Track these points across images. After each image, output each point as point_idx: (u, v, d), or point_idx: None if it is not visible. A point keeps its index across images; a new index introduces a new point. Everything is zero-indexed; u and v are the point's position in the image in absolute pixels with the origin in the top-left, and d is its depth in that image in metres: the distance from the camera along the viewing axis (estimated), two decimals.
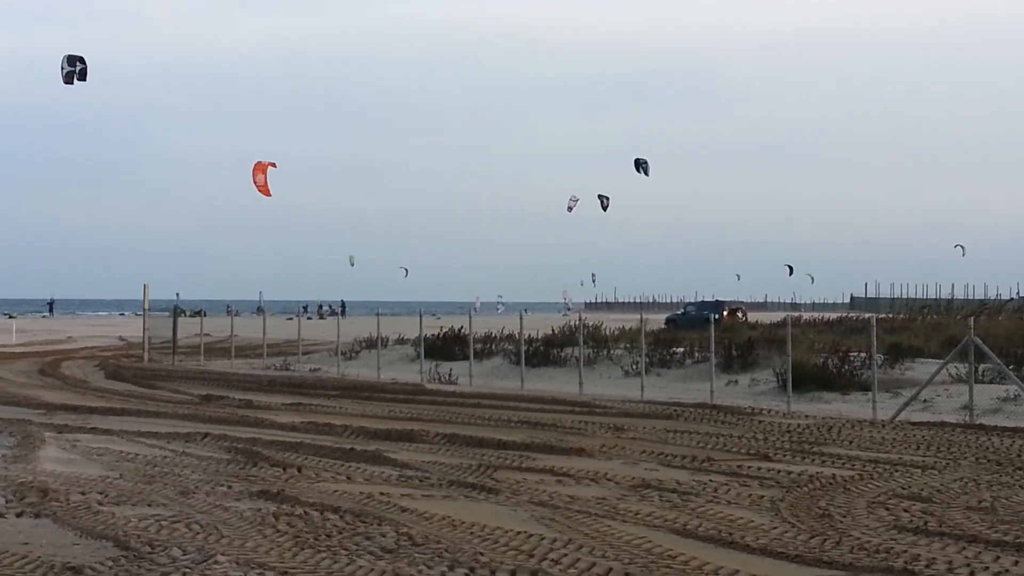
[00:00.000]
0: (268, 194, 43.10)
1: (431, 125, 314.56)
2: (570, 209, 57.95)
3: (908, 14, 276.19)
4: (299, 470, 15.52)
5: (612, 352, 35.37)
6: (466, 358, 34.81)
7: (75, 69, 36.14)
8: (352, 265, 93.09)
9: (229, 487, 14.17)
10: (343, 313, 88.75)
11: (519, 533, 11.34)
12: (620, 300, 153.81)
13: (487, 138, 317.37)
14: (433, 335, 39.36)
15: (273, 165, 43.73)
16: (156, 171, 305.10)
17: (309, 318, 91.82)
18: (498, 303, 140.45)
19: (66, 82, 36.37)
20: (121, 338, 61.10)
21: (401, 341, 42.84)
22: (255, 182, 42.94)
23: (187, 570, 9.91)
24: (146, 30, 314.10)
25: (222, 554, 10.46)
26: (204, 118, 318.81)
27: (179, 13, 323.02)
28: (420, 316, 37.61)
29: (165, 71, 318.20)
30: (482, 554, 10.43)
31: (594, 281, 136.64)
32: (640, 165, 47.94)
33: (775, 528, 11.65)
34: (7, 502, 12.96)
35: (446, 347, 38.84)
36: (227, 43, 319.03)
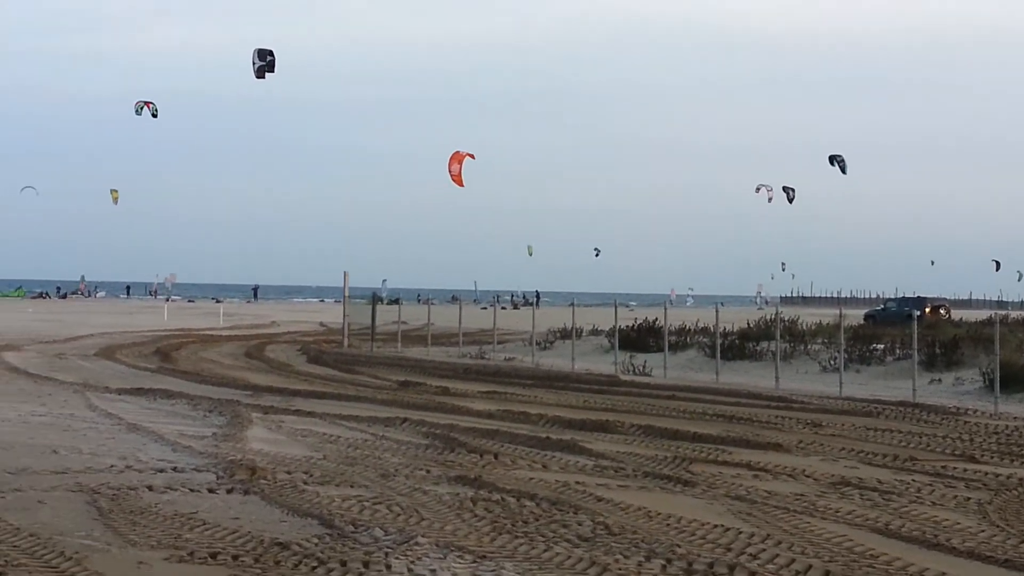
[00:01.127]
0: (461, 184, 43.72)
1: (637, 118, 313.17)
2: (770, 200, 57.29)
3: None
4: (495, 457, 15.70)
5: (809, 347, 34.73)
6: (660, 350, 34.66)
7: (265, 63, 37.29)
8: (531, 255, 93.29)
9: (428, 471, 14.43)
10: (537, 303, 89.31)
11: (716, 526, 11.25)
12: (816, 295, 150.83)
13: (680, 133, 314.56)
14: (627, 326, 39.25)
15: (471, 156, 44.30)
16: (358, 161, 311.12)
17: (503, 307, 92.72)
18: (687, 296, 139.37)
19: (258, 76, 37.57)
20: (322, 324, 62.69)
21: (595, 332, 42.86)
22: (450, 171, 43.60)
23: (389, 550, 10.14)
24: (346, 22, 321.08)
25: (422, 536, 10.68)
26: (406, 111, 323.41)
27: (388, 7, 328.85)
28: (615, 307, 37.60)
29: (369, 63, 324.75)
30: (679, 546, 10.39)
31: (783, 269, 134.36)
32: (836, 161, 47.05)
33: (983, 531, 11.27)
34: (218, 479, 13.47)
35: (640, 339, 38.66)
36: (433, 37, 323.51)
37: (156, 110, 50.32)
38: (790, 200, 54.50)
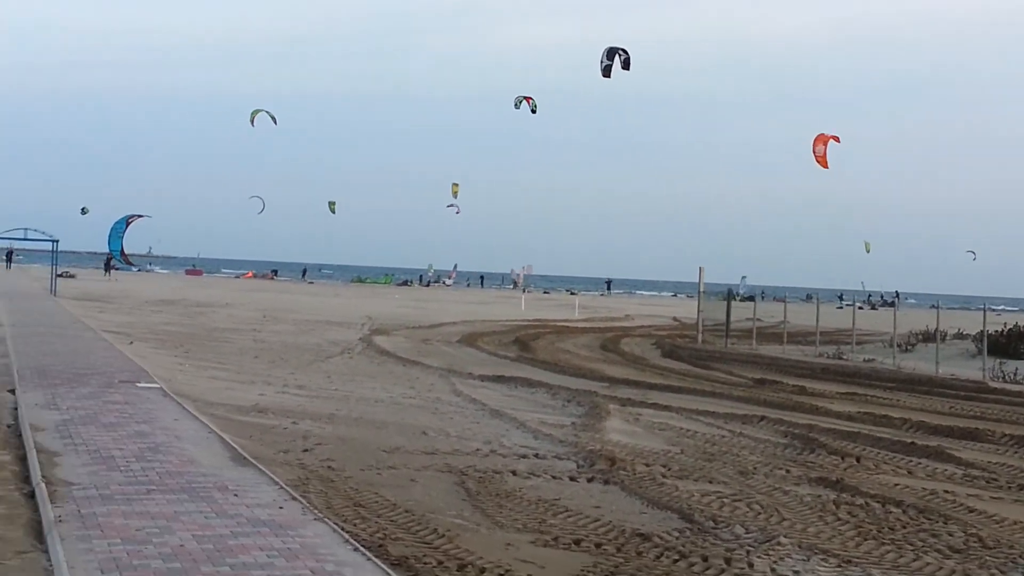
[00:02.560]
0: (826, 166, 42.96)
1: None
2: None
3: None
4: (857, 460, 15.30)
5: None
6: None
7: (612, 62, 37.55)
8: (868, 252, 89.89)
9: (787, 471, 14.24)
10: (896, 304, 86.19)
11: None
12: None
13: None
14: (996, 331, 37.35)
15: (836, 139, 43.44)
16: (716, 155, 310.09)
17: (860, 307, 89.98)
18: None
19: (604, 75, 37.90)
20: (675, 319, 62.80)
21: (960, 336, 41.03)
22: (815, 152, 42.86)
23: (750, 548, 10.08)
24: (699, 14, 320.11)
25: (784, 536, 10.55)
26: (759, 102, 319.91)
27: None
28: (984, 311, 35.87)
29: (722, 55, 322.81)
30: None
31: None
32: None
33: None
34: (578, 467, 13.75)
35: (1010, 344, 36.70)
36: (786, 26, 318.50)
37: (536, 105, 51.60)
38: None
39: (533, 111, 51.71)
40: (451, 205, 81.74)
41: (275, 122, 61.52)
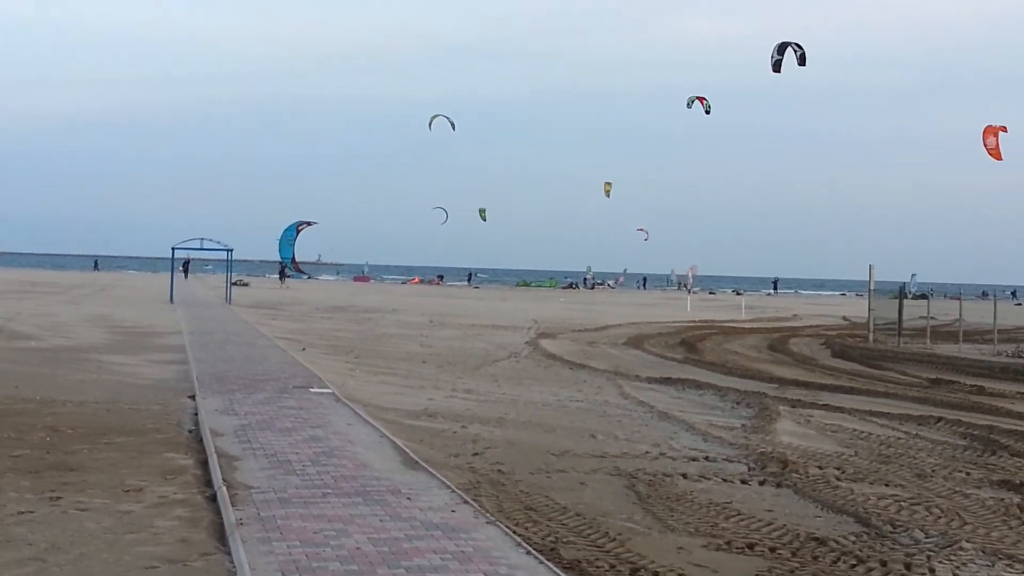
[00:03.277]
0: (999, 157, 41.82)
1: None
2: None
3: None
4: None
5: None
6: None
7: (783, 57, 37.01)
8: None
9: (967, 474, 13.83)
10: None
11: None
12: None
13: None
14: None
15: (1004, 129, 42.26)
16: (889, 151, 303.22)
17: None
18: None
19: (774, 71, 37.38)
20: (844, 318, 61.59)
21: None
22: (986, 144, 41.71)
23: (931, 553, 9.82)
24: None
25: (966, 541, 10.26)
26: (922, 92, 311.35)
27: None
28: None
29: (884, 43, 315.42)
30: None
31: None
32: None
33: None
34: (749, 470, 13.57)
35: None
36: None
37: (709, 106, 51.21)
38: None
39: (707, 112, 51.29)
40: (640, 229, 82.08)
41: (453, 127, 62.48)
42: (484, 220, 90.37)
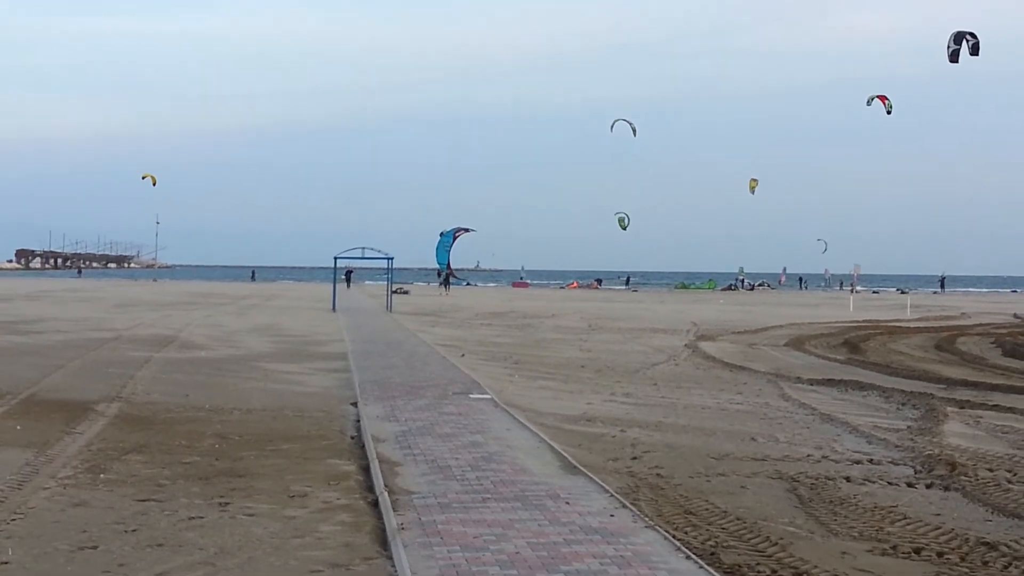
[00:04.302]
0: None
1: None
2: None
3: None
4: None
5: None
6: None
7: (960, 47, 36.03)
8: None
9: None
10: None
11: None
12: None
13: None
14: None
15: None
16: None
17: None
18: None
19: (952, 60, 36.39)
20: (1016, 315, 59.74)
21: None
22: None
23: None
24: None
25: None
26: None
27: None
28: None
29: None
30: None
31: None
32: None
33: None
34: (916, 473, 13.26)
35: None
36: None
37: (891, 106, 50.30)
38: None
39: (888, 112, 50.40)
40: (820, 240, 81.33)
41: (635, 133, 62.74)
42: (624, 229, 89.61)
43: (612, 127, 64.94)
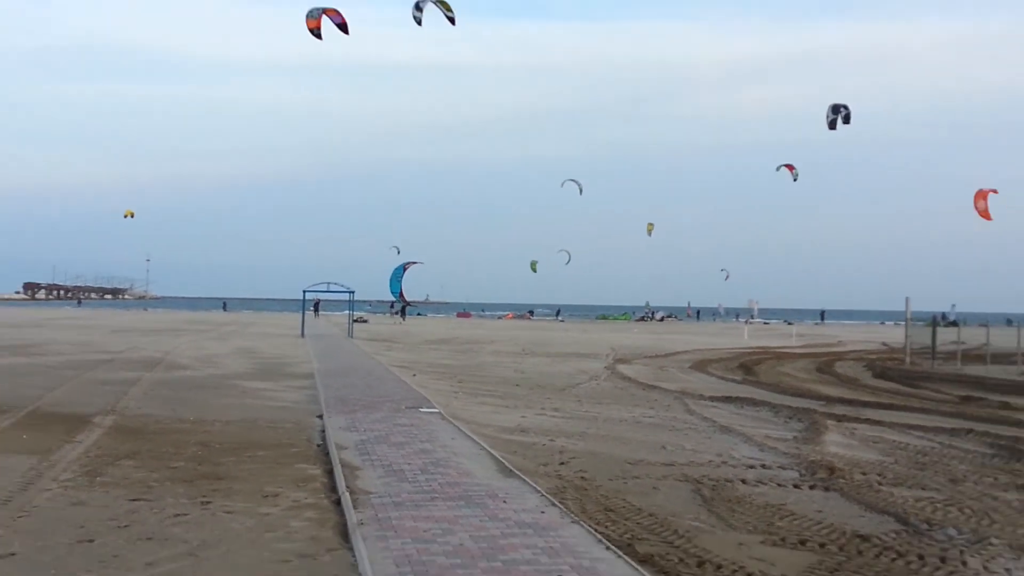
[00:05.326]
0: (989, 218, 41.31)
1: None
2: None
3: None
4: None
5: None
6: None
7: (837, 116, 36.56)
8: None
9: (995, 479, 13.50)
10: None
11: None
12: None
13: None
14: None
15: (995, 191, 41.73)
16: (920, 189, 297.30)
17: None
18: None
19: (830, 128, 36.94)
20: (883, 343, 60.49)
21: None
22: (976, 207, 41.12)
23: (963, 548, 9.62)
24: None
25: (995, 537, 10.05)
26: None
27: None
28: None
29: None
30: None
31: None
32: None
33: None
34: (801, 476, 13.36)
35: None
36: None
37: (797, 174, 50.57)
38: None
39: (795, 179, 50.80)
40: (722, 270, 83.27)
41: (580, 191, 63.40)
42: (534, 271, 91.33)
43: (563, 184, 65.50)
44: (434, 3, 29.13)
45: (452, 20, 29.36)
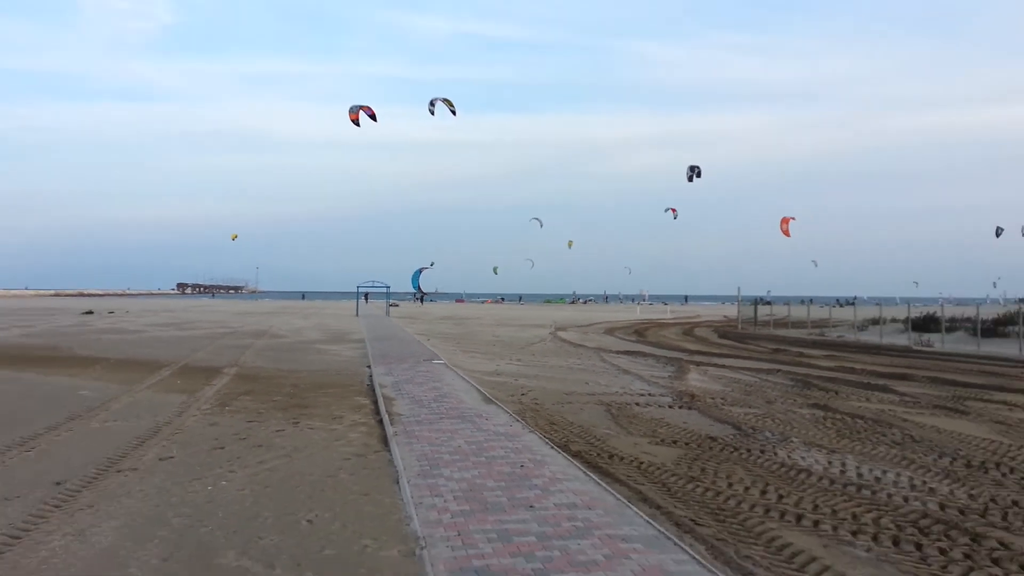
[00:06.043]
0: (788, 235, 41.15)
1: None
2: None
3: None
4: (836, 393, 14.54)
5: None
6: (939, 331, 30.64)
7: (693, 173, 36.08)
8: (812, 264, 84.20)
9: (795, 400, 13.62)
10: (855, 302, 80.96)
11: (984, 439, 9.86)
12: None
13: None
14: (916, 316, 35.01)
15: (793, 218, 41.69)
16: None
17: (840, 305, 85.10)
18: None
19: (689, 180, 36.63)
20: (725, 316, 60.83)
21: (894, 320, 38.54)
22: (781, 228, 40.92)
23: (775, 444, 9.70)
24: None
25: (794, 437, 10.12)
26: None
27: None
28: (908, 305, 33.59)
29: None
30: (960, 450, 9.19)
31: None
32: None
33: None
34: (673, 400, 13.42)
35: (924, 324, 34.35)
36: None
37: (677, 215, 49.78)
38: None
39: (675, 218, 50.19)
40: (626, 267, 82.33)
41: (541, 225, 63.06)
42: (496, 274, 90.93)
43: (530, 220, 65.91)
44: (442, 101, 28.92)
45: (454, 112, 29.15)
